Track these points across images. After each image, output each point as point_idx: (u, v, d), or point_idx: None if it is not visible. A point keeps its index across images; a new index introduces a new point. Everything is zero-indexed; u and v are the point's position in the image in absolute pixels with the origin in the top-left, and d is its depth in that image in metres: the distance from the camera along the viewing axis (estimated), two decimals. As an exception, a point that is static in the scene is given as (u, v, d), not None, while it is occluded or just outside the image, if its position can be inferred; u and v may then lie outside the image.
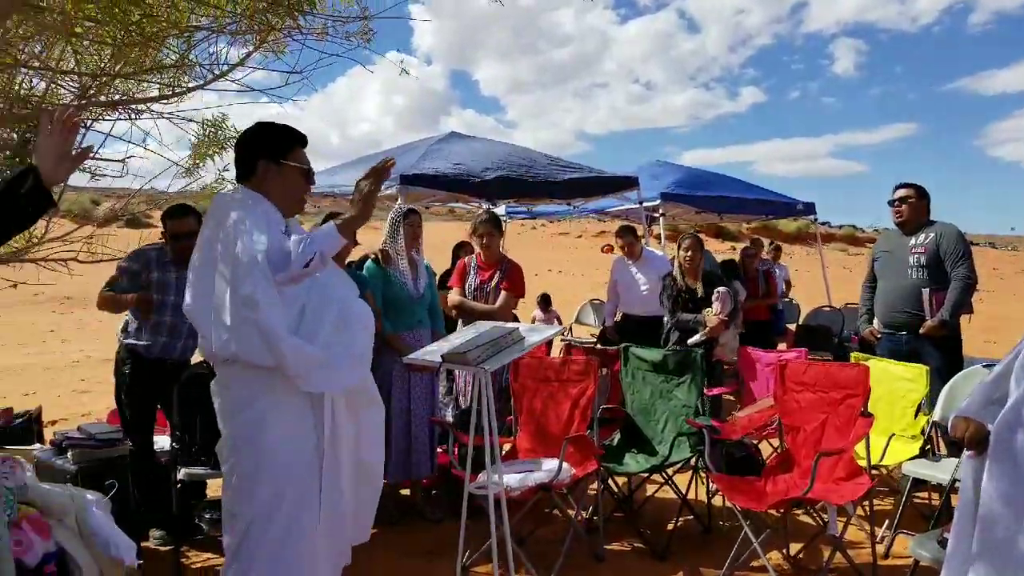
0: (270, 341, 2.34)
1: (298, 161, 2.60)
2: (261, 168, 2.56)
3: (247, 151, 2.59)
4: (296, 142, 2.62)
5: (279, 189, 2.57)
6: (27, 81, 3.56)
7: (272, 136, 2.60)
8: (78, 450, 3.84)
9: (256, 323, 2.33)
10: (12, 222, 1.78)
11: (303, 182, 2.63)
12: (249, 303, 2.33)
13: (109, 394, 6.75)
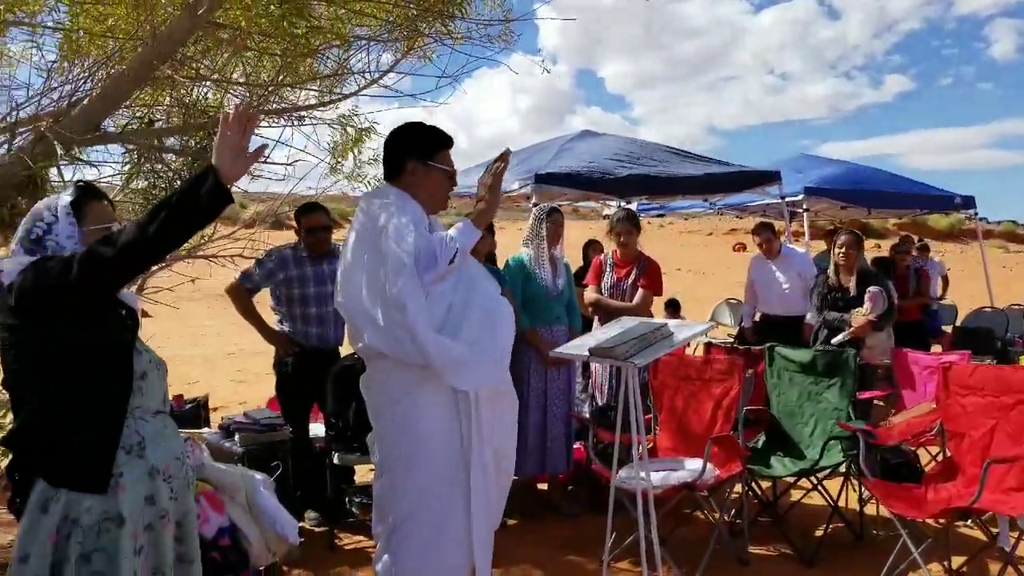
0: (417, 340, 2.41)
1: (444, 163, 2.66)
2: (409, 167, 2.62)
3: (396, 151, 2.66)
4: (443, 144, 2.68)
5: (425, 189, 2.62)
6: (203, 93, 3.87)
7: (420, 137, 2.66)
8: (244, 434, 4.13)
9: (404, 324, 2.41)
10: (195, 219, 1.89)
11: (447, 183, 2.69)
12: (398, 305, 2.40)
13: (263, 384, 7.23)
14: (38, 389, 1.90)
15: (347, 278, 2.58)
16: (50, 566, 1.85)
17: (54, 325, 1.88)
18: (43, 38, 3.52)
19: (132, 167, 3.71)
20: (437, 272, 2.47)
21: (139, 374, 1.99)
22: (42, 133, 2.93)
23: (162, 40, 3.07)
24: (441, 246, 2.49)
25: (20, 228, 2.03)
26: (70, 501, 1.86)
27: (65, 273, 1.83)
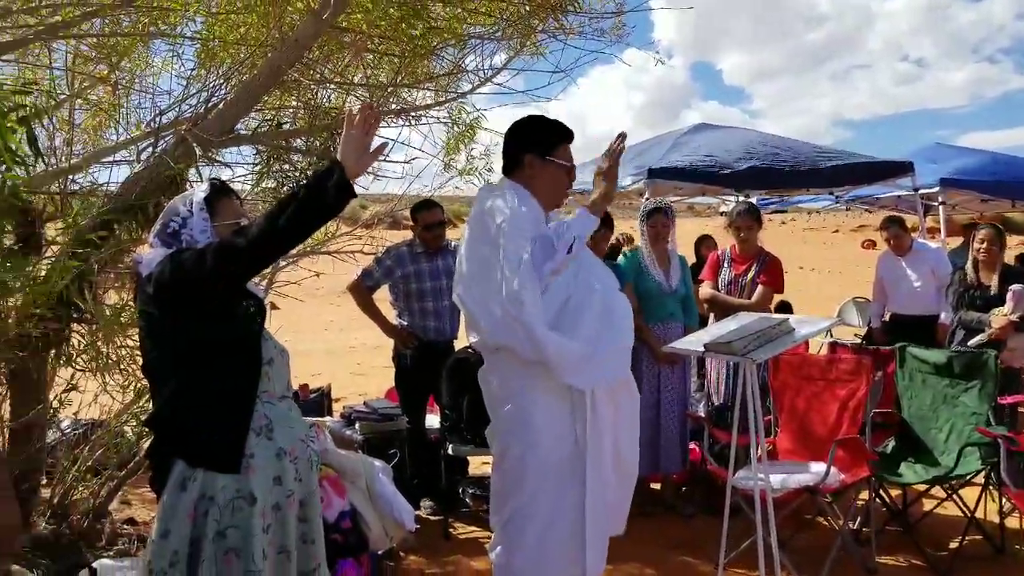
0: (533, 337, 2.40)
1: (564, 158, 2.63)
2: (527, 162, 2.60)
3: (515, 144, 2.64)
4: (563, 138, 2.65)
5: (543, 184, 2.60)
6: (326, 95, 4.04)
7: (540, 131, 2.64)
8: (364, 423, 4.29)
9: (520, 320, 2.40)
10: (321, 213, 1.97)
11: (566, 179, 2.65)
12: (514, 300, 2.39)
13: (382, 377, 7.47)
14: (175, 374, 2.03)
15: (464, 272, 2.60)
16: (189, 541, 1.98)
17: (189, 314, 2.00)
18: (183, 48, 3.78)
19: (262, 167, 3.92)
20: (555, 262, 2.45)
21: (266, 360, 2.10)
22: (182, 136, 3.13)
23: (289, 46, 3.23)
24: (559, 235, 2.47)
25: (157, 222, 2.16)
26: (206, 480, 1.98)
27: (199, 264, 1.95)
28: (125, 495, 4.02)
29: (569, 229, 2.49)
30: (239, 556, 1.97)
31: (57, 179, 3.28)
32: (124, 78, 3.72)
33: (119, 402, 3.42)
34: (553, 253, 2.45)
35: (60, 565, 3.04)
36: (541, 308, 2.42)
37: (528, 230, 2.46)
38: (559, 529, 2.54)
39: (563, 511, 2.53)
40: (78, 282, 2.76)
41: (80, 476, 3.58)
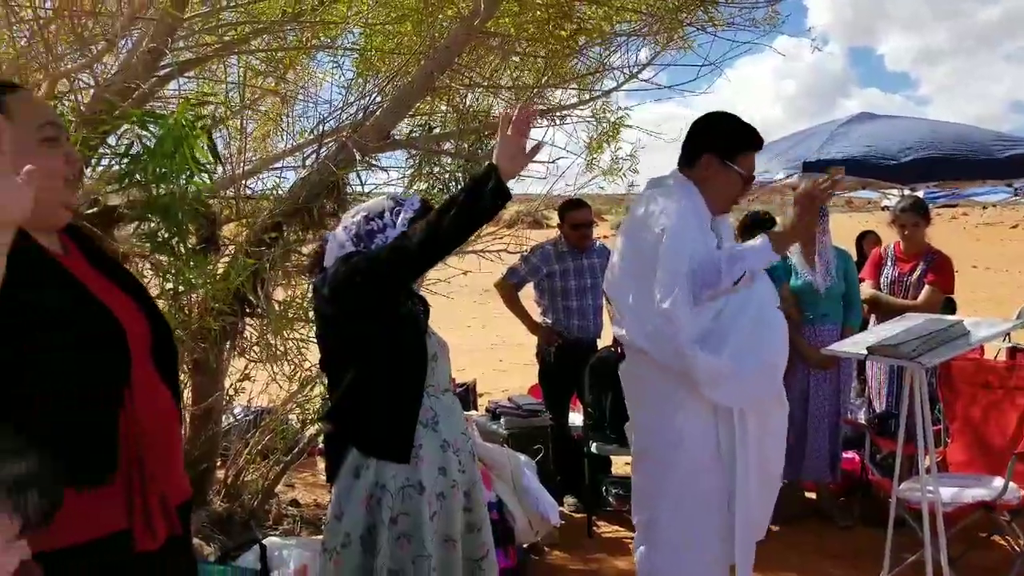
0: (681, 355, 2.33)
1: (745, 167, 2.49)
2: (704, 161, 2.48)
3: (698, 141, 2.52)
4: (750, 146, 2.51)
5: (715, 186, 2.48)
6: (475, 98, 4.15)
7: (727, 132, 2.51)
8: (508, 418, 4.37)
9: (670, 337, 2.33)
10: (480, 216, 2.03)
11: (741, 188, 2.54)
12: (666, 317, 2.31)
13: (524, 374, 7.57)
14: (350, 369, 2.16)
15: (617, 268, 2.55)
16: (365, 527, 2.10)
17: (361, 312, 2.12)
18: (342, 58, 4.00)
19: (414, 170, 4.08)
20: (716, 290, 2.35)
21: (431, 355, 2.20)
22: (343, 142, 3.31)
23: (441, 52, 3.34)
24: (730, 262, 2.34)
25: (358, 214, 2.24)
26: (379, 469, 2.10)
27: (371, 266, 2.06)
28: (290, 478, 4.31)
29: (743, 260, 2.35)
30: (410, 541, 2.08)
31: (232, 184, 3.57)
32: (290, 89, 3.98)
33: (286, 391, 3.67)
34: (717, 280, 2.34)
35: (233, 541, 3.29)
36: (693, 328, 2.33)
37: (690, 241, 2.36)
38: (703, 530, 2.49)
39: (706, 515, 2.48)
40: (252, 279, 2.99)
41: (251, 459, 3.87)
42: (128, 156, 2.62)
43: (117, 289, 1.51)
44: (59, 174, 1.39)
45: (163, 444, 1.49)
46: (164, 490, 1.46)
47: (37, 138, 1.37)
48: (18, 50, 2.87)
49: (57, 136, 1.40)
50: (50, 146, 1.38)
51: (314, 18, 3.32)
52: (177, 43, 3.10)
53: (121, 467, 1.38)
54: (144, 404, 1.43)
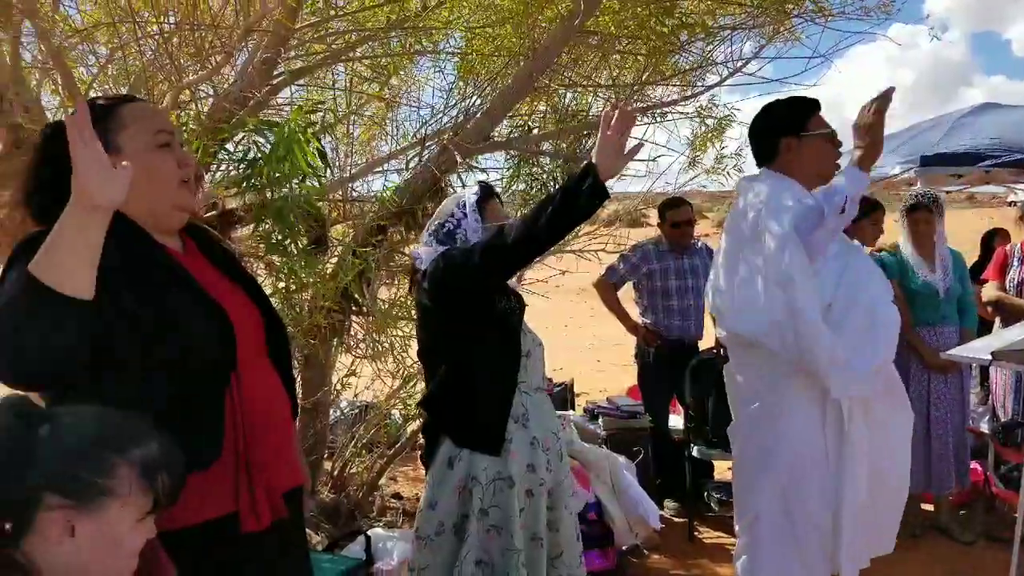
0: (803, 322, 2.22)
1: (820, 127, 2.45)
2: (783, 146, 2.46)
3: (766, 134, 2.52)
4: (811, 109, 2.48)
5: (806, 163, 2.44)
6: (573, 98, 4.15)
7: (786, 111, 2.50)
8: (607, 418, 4.36)
9: (787, 301, 2.24)
10: (576, 215, 2.04)
11: (831, 147, 2.46)
12: (783, 278, 2.24)
13: (623, 375, 7.50)
14: (445, 361, 2.22)
15: (724, 261, 2.51)
16: (457, 515, 2.15)
17: (458, 307, 2.17)
18: (444, 63, 4.08)
19: (513, 171, 4.12)
20: (825, 228, 2.24)
21: (524, 352, 2.22)
22: (444, 145, 3.38)
23: (540, 53, 3.36)
24: (826, 197, 2.25)
25: (432, 223, 2.36)
26: (472, 460, 2.15)
27: (468, 261, 2.11)
28: (392, 472, 4.43)
29: (837, 191, 2.25)
30: (500, 534, 2.11)
31: (340, 187, 3.70)
32: (394, 95, 4.09)
33: (389, 387, 3.78)
34: (821, 218, 2.24)
35: (339, 531, 3.42)
36: (814, 288, 2.24)
37: (787, 203, 2.31)
38: (807, 539, 2.40)
39: (812, 520, 2.39)
40: (358, 279, 3.09)
41: (356, 452, 4.01)
42: (245, 162, 2.76)
43: (231, 284, 1.61)
44: (172, 177, 1.51)
45: (273, 430, 1.56)
46: (273, 475, 1.53)
47: (151, 144, 1.49)
48: (145, 63, 3.07)
49: (169, 142, 1.52)
50: (163, 151, 1.50)
51: (417, 24, 3.40)
52: (289, 53, 3.24)
53: (227, 452, 1.45)
54: (254, 392, 1.51)
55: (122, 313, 1.38)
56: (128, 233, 1.45)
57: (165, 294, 1.45)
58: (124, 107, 1.52)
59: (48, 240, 1.26)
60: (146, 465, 1.19)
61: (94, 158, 1.22)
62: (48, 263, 1.24)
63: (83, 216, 1.24)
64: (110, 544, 1.18)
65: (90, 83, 3.21)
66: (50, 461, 1.15)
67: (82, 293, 1.25)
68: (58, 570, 1.17)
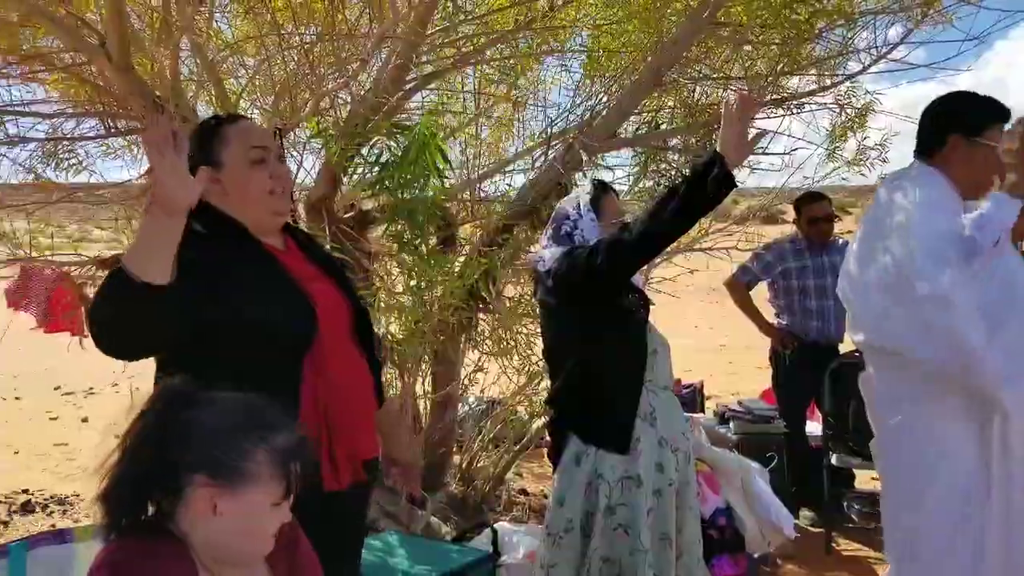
0: (963, 350, 2.04)
1: (993, 139, 2.20)
2: (950, 143, 2.24)
3: (938, 124, 2.29)
4: (996, 118, 2.24)
5: (964, 169, 2.23)
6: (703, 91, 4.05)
7: (969, 108, 2.27)
8: (738, 422, 4.22)
9: (946, 326, 2.05)
10: (702, 205, 2.00)
11: (996, 165, 2.21)
12: (939, 302, 2.05)
13: (754, 377, 7.25)
14: (571, 359, 2.22)
15: (854, 264, 2.35)
16: (583, 513, 2.15)
17: (582, 305, 2.17)
18: (570, 61, 4.09)
19: (640, 168, 4.07)
20: (977, 259, 2.08)
21: (651, 350, 2.20)
22: (570, 144, 3.39)
23: (668, 48, 3.30)
24: (977, 227, 2.08)
25: (549, 226, 2.38)
26: (599, 458, 2.14)
27: (591, 260, 2.10)
28: (519, 468, 4.49)
29: (989, 221, 2.08)
30: (627, 533, 2.10)
31: (468, 188, 3.78)
32: (521, 95, 4.14)
33: (515, 384, 3.83)
34: (974, 247, 2.07)
35: (467, 523, 3.50)
36: (976, 312, 2.05)
37: (944, 220, 2.13)
38: (959, 560, 2.21)
39: (960, 551, 2.19)
40: (485, 277, 3.15)
41: (483, 447, 4.09)
42: (378, 165, 2.88)
43: (324, 277, 1.80)
44: (264, 187, 1.71)
45: (356, 403, 1.75)
46: (353, 442, 1.72)
47: (246, 160, 1.70)
48: (289, 73, 3.27)
49: (263, 158, 1.71)
50: (257, 166, 1.70)
51: (544, 24, 3.43)
52: (420, 58, 3.35)
53: (311, 418, 1.63)
54: (337, 368, 1.70)
55: (215, 298, 1.56)
56: (234, 233, 1.69)
57: (258, 282, 1.65)
58: (228, 126, 1.73)
59: (136, 235, 1.51)
60: (283, 453, 1.28)
61: (170, 168, 1.40)
62: (132, 255, 1.46)
63: (159, 216, 1.43)
64: (247, 524, 1.27)
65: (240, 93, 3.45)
66: (200, 442, 1.25)
67: (158, 280, 1.44)
68: (202, 544, 1.27)
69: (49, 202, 3.55)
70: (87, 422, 6.10)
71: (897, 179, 2.34)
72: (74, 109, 3.49)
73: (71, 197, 3.74)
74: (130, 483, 1.25)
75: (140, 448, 1.26)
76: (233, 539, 1.27)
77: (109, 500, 1.26)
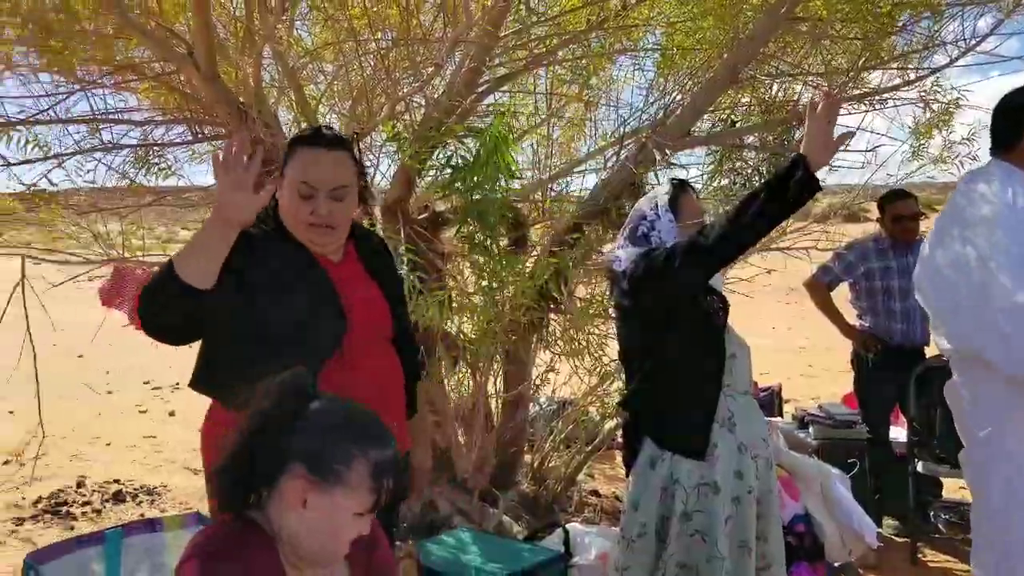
0: None
1: None
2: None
3: (1014, 118, 2.22)
4: None
5: None
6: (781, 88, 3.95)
7: None
8: (818, 427, 4.10)
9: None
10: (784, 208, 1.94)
11: None
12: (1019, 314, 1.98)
13: (835, 381, 7.06)
14: (646, 362, 2.19)
15: (930, 267, 2.27)
16: (658, 517, 2.13)
17: (659, 307, 2.14)
18: (643, 60, 4.05)
19: (715, 167, 4.00)
20: None
21: (729, 354, 2.16)
22: (643, 143, 3.36)
23: (744, 44, 3.24)
24: None
25: (626, 226, 2.35)
26: (674, 463, 2.11)
27: (669, 263, 2.07)
28: (590, 469, 4.47)
29: None
30: (704, 540, 2.06)
31: (539, 188, 3.79)
32: (593, 95, 4.12)
33: (586, 384, 3.82)
34: None
35: (538, 523, 3.50)
36: None
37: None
38: None
39: None
40: (556, 277, 3.15)
41: (554, 447, 4.09)
42: (450, 167, 2.92)
43: (370, 283, 1.89)
44: (304, 219, 1.79)
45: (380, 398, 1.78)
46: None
47: (295, 191, 1.79)
48: (365, 78, 3.34)
49: (310, 195, 1.79)
50: (303, 199, 1.79)
51: (617, 23, 3.41)
52: (493, 61, 3.37)
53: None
54: (366, 365, 1.81)
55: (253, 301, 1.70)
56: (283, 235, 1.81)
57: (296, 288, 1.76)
58: (300, 148, 1.82)
59: (191, 238, 1.62)
60: (378, 466, 1.31)
61: (232, 185, 1.51)
62: (182, 255, 1.58)
63: (215, 226, 1.54)
64: (330, 525, 1.31)
65: (319, 99, 3.55)
66: (308, 435, 1.31)
67: (199, 284, 1.57)
68: (286, 537, 1.31)
69: (141, 205, 3.71)
70: (174, 416, 6.37)
71: (975, 178, 2.25)
72: (163, 116, 3.65)
73: (160, 200, 3.91)
74: (241, 462, 1.32)
75: (254, 431, 1.32)
76: (313, 536, 1.31)
77: (221, 476, 1.33)
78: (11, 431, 4.54)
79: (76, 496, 4.45)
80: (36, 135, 3.16)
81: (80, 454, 5.28)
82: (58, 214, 3.44)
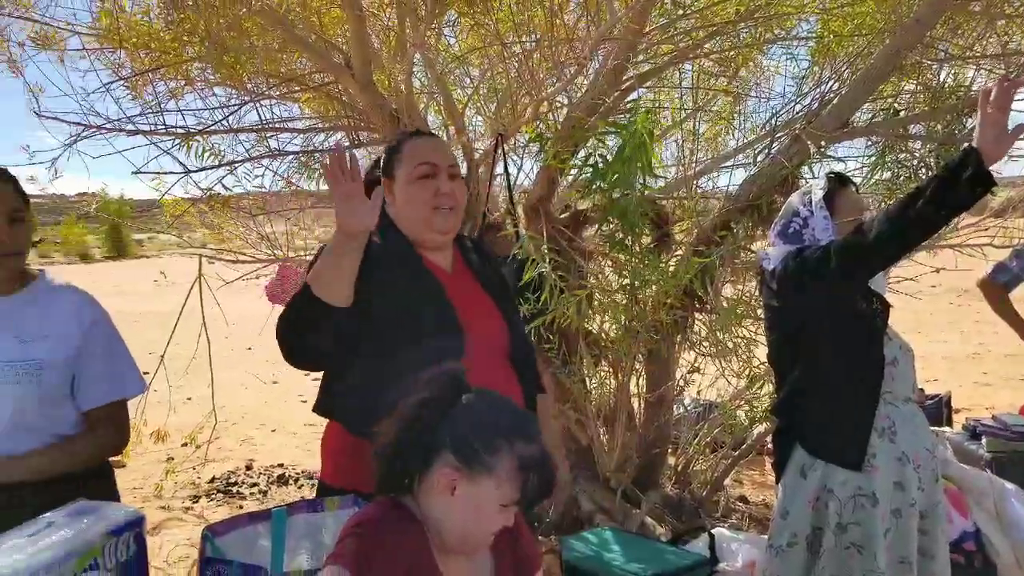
0: None
1: None
2: None
3: None
4: None
5: None
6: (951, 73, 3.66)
7: None
8: (991, 438, 3.77)
9: None
10: (952, 207, 1.80)
11: None
12: None
13: (1014, 390, 6.45)
14: (797, 366, 2.11)
15: None
16: (810, 528, 2.04)
17: (812, 310, 2.05)
18: (796, 49, 3.87)
19: (876, 159, 3.76)
20: None
21: (889, 359, 2.03)
22: (796, 135, 3.21)
23: (909, 28, 3.03)
24: None
25: (778, 223, 2.26)
26: (827, 471, 2.02)
27: (823, 263, 1.97)
28: (738, 474, 4.33)
29: None
30: (861, 553, 1.96)
31: (684, 184, 3.71)
32: (741, 87, 3.99)
33: (734, 387, 3.71)
34: None
35: (683, 525, 3.43)
36: None
37: None
38: None
39: None
40: (701, 276, 3.08)
41: (699, 450, 4.00)
42: (591, 165, 2.91)
43: (483, 296, 1.83)
44: (427, 203, 1.76)
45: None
46: None
47: (412, 176, 1.76)
48: (510, 80, 3.40)
49: (430, 173, 1.76)
50: (421, 181, 1.76)
51: (768, 12, 3.28)
52: (637, 57, 3.34)
53: None
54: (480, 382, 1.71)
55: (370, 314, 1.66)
56: (400, 248, 1.76)
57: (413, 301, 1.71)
58: (408, 142, 1.80)
59: (320, 258, 1.61)
60: (525, 461, 1.35)
61: (343, 195, 1.52)
62: (316, 277, 1.57)
63: (341, 240, 1.54)
64: (475, 515, 1.35)
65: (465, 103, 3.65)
66: (458, 425, 1.36)
67: (339, 302, 1.57)
68: (433, 523, 1.37)
69: (304, 208, 3.97)
70: (332, 406, 6.75)
71: None
72: (323, 124, 3.88)
73: (320, 203, 4.16)
74: (399, 448, 1.39)
75: (411, 419, 1.39)
76: (457, 524, 1.36)
77: (380, 460, 1.41)
78: (189, 416, 4.98)
79: (245, 477, 4.83)
80: (212, 144, 3.46)
81: (249, 439, 5.71)
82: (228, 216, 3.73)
